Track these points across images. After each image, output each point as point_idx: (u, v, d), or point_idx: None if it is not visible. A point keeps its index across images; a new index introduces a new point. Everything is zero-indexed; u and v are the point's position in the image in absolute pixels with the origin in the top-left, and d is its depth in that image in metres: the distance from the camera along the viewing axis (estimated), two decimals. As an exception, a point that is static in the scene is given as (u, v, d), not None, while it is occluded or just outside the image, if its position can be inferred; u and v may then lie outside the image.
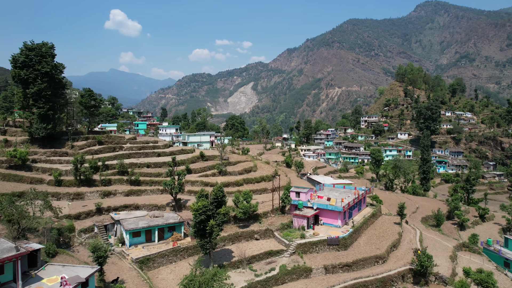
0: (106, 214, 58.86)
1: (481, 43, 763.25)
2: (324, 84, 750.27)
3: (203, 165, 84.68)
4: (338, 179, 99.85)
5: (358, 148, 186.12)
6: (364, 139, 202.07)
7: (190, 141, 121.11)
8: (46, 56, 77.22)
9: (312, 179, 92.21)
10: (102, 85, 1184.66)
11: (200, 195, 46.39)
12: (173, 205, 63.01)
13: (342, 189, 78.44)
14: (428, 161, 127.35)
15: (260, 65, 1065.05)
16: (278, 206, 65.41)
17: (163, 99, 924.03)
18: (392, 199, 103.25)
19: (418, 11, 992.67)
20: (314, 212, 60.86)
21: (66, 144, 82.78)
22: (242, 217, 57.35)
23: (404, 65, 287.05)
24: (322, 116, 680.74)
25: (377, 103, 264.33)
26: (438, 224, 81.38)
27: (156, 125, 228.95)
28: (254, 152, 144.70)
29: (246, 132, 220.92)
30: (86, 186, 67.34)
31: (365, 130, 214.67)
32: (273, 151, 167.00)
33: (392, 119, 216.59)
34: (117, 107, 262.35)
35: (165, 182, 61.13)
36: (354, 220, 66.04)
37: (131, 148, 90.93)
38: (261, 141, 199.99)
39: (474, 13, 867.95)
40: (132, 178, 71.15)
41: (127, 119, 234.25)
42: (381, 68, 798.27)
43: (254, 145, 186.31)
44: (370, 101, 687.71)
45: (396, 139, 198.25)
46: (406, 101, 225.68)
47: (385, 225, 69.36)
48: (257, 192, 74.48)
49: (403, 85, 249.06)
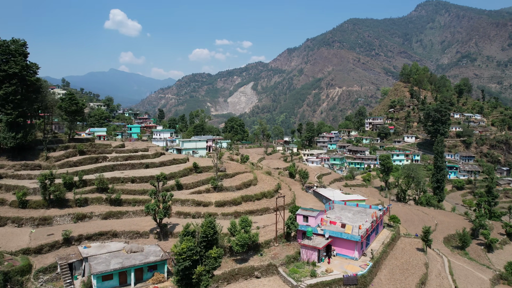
0: (77, 245, 48.42)
1: (482, 42, 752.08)
2: (325, 84, 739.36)
3: (196, 179, 74.08)
4: (347, 194, 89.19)
5: (363, 152, 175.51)
6: (369, 142, 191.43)
7: (184, 148, 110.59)
8: (16, 55, 66.69)
9: (319, 193, 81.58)
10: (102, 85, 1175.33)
11: (184, 232, 35.95)
12: (157, 231, 52.54)
13: (355, 207, 67.87)
14: (442, 169, 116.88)
15: (260, 65, 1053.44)
16: (283, 233, 54.91)
17: (163, 99, 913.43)
18: (406, 213, 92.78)
19: (418, 10, 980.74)
20: (326, 242, 50.33)
21: (40, 155, 72.19)
22: (239, 250, 46.77)
23: (408, 65, 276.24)
24: (323, 116, 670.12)
25: (381, 104, 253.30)
26: (463, 246, 70.88)
27: (153, 128, 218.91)
28: (254, 158, 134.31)
29: (245, 134, 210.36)
30: (56, 208, 56.81)
31: (370, 133, 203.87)
32: (274, 156, 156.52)
33: (398, 121, 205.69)
34: (112, 109, 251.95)
35: (147, 206, 50.61)
36: (372, 248, 55.54)
37: (117, 158, 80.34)
38: (261, 145, 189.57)
39: (475, 12, 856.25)
40: (113, 196, 60.62)
41: (122, 121, 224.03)
42: (381, 68, 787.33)
43: (254, 149, 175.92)
44: (371, 101, 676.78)
45: (403, 142, 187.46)
46: (412, 102, 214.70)
47: (407, 253, 58.81)
48: (258, 213, 63.90)
49: (408, 86, 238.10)
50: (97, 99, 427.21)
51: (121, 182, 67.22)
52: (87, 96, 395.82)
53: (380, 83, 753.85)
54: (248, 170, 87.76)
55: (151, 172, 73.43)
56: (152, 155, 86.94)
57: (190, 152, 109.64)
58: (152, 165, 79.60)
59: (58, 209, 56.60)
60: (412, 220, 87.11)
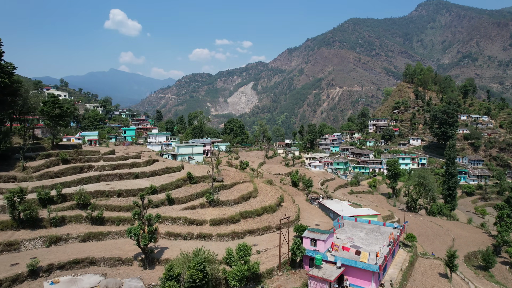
0: (45, 277, 40.89)
1: (483, 42, 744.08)
2: (325, 84, 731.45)
3: (190, 191, 66.45)
4: (357, 206, 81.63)
5: (367, 155, 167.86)
6: (373, 145, 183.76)
7: (180, 154, 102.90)
8: (-14, 54, 59.15)
9: (325, 206, 73.99)
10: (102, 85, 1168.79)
11: (166, 275, 28.34)
12: (142, 258, 44.96)
13: (367, 225, 60.29)
14: (454, 175, 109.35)
15: (260, 64, 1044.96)
16: (287, 259, 47.33)
17: (163, 99, 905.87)
18: (419, 226, 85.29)
19: (419, 10, 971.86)
20: (339, 273, 42.71)
21: (16, 165, 64.59)
22: (236, 285, 39.15)
23: (411, 65, 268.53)
24: (323, 117, 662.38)
25: (384, 105, 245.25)
26: (488, 267, 63.33)
27: (150, 129, 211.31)
28: (254, 163, 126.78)
29: (245, 136, 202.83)
30: (27, 229, 49.19)
31: (374, 135, 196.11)
32: (275, 160, 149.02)
33: (403, 123, 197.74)
34: (109, 110, 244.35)
35: (129, 229, 43.01)
36: (390, 275, 48.02)
37: (104, 167, 72.77)
38: (261, 147, 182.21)
39: (476, 12, 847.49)
40: (94, 214, 53.09)
41: (119, 122, 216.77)
42: (382, 68, 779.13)
43: (254, 152, 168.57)
44: (372, 101, 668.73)
45: (408, 145, 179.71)
46: (417, 103, 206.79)
47: (428, 279, 51.21)
48: (258, 232, 56.23)
49: (412, 86, 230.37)
50: (95, 100, 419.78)
51: (106, 196, 59.64)
52: (85, 97, 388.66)
53: (381, 83, 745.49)
54: (248, 179, 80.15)
55: (140, 184, 65.90)
56: (143, 163, 79.34)
57: (186, 158, 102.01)
58: (142, 175, 72.07)
59: (29, 230, 49.00)
60: (426, 234, 79.67)
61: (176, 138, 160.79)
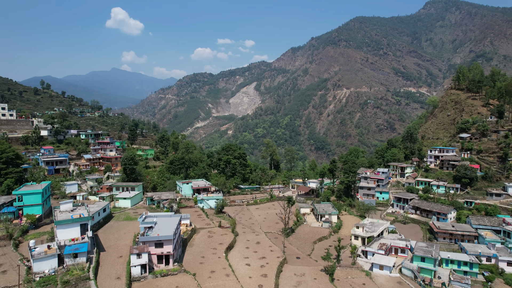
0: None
1: (498, 41, 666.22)
2: (331, 85, 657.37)
3: None
4: None
5: (445, 216, 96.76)
6: (445, 192, 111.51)
7: None
8: None
9: None
10: (104, 84, 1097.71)
11: None
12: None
13: None
14: None
15: (263, 64, 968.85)
16: None
17: (163, 100, 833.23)
18: None
19: (427, 8, 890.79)
20: None
21: None
22: None
23: (465, 66, 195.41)
24: (330, 119, 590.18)
25: (434, 122, 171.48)
26: None
27: (111, 159, 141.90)
28: (261, 238, 56.69)
29: (247, 171, 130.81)
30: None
31: (440, 173, 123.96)
32: (300, 232, 78.59)
33: (483, 155, 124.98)
34: (68, 126, 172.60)
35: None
36: None
37: None
38: (272, 195, 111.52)
39: (488, 10, 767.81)
40: None
41: (74, 146, 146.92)
42: (391, 68, 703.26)
43: (261, 205, 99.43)
44: (382, 103, 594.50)
45: (506, 196, 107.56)
46: (500, 124, 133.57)
47: None
48: None
49: (479, 97, 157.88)
50: (80, 104, 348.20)
51: None
52: (68, 101, 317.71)
53: (390, 84, 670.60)
54: None
55: None
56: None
57: None
58: None
59: None
60: None
61: (137, 188, 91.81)
